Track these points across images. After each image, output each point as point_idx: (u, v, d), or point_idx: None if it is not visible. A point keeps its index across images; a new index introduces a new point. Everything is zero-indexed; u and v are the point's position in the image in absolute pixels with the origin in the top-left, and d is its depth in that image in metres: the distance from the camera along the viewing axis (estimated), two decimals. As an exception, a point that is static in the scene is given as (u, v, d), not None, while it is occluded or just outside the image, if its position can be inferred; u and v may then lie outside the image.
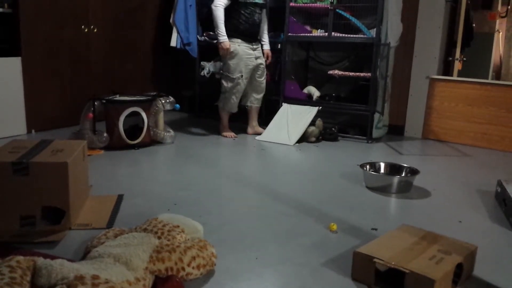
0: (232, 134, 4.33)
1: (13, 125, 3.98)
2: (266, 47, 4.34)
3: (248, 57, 4.11)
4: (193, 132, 4.46)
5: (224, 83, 4.19)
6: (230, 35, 4.04)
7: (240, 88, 4.16)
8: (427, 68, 4.44)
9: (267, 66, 4.39)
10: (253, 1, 4.05)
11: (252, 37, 4.13)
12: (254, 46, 4.18)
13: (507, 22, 5.79)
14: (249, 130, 4.45)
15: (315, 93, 4.56)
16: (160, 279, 1.58)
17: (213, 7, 3.98)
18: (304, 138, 4.16)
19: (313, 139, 4.18)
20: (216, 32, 4.04)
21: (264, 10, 4.26)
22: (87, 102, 3.62)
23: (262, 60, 4.26)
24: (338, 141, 4.27)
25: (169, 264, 1.60)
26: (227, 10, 4.02)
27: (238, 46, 4.06)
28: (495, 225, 2.38)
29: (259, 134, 4.35)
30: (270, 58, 4.36)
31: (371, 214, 2.46)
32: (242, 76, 4.11)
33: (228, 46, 4.01)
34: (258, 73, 4.26)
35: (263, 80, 4.31)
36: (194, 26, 5.04)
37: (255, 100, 4.35)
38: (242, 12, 4.02)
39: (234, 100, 4.21)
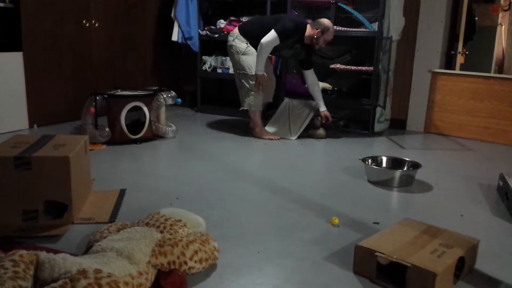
0: (272, 134, 4.08)
1: (15, 120, 3.98)
2: (322, 109, 4.05)
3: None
4: (195, 127, 4.46)
5: (245, 83, 3.95)
6: (243, 35, 3.92)
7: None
8: (429, 62, 4.43)
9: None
10: (282, 53, 4.00)
11: None
12: None
13: (510, 15, 5.77)
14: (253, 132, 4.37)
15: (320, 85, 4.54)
16: (163, 273, 1.59)
17: (263, 43, 3.73)
18: (308, 135, 4.15)
19: (319, 137, 4.14)
20: (256, 62, 3.84)
21: (310, 72, 4.06)
22: (89, 97, 3.62)
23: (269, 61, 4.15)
24: (339, 138, 4.26)
25: (171, 258, 1.60)
26: (262, 31, 3.79)
27: (247, 45, 3.92)
28: (497, 218, 2.38)
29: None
30: (329, 118, 4.04)
31: (373, 208, 2.46)
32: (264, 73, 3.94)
33: (266, 78, 3.89)
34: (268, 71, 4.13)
35: (273, 78, 4.23)
36: (196, 20, 5.03)
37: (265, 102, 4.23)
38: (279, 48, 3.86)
39: (259, 96, 3.98)
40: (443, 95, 4.43)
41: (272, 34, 3.73)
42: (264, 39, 3.74)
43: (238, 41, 3.94)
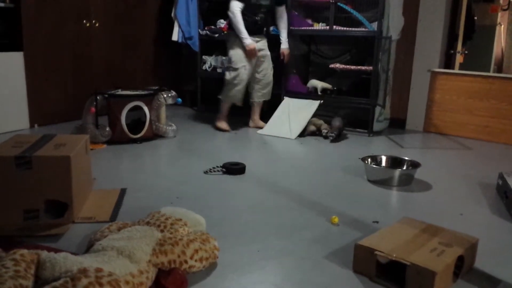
0: (226, 126, 4.30)
1: (16, 119, 3.99)
2: (283, 46, 4.30)
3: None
4: (195, 126, 4.47)
5: (227, 74, 4.19)
6: (231, 29, 4.12)
7: (242, 79, 4.13)
8: (429, 61, 4.43)
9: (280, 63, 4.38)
10: (258, 3, 4.07)
11: (252, 32, 4.10)
12: (257, 39, 4.16)
13: (509, 14, 5.77)
14: (250, 123, 4.48)
15: (319, 85, 4.54)
16: (163, 272, 1.60)
17: (230, 14, 3.99)
18: (309, 132, 4.16)
19: (325, 131, 4.11)
20: (240, 37, 4.03)
21: (281, 8, 4.27)
22: (89, 96, 3.63)
23: (265, 53, 4.24)
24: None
25: (172, 257, 1.61)
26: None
27: (237, 37, 4.07)
28: (496, 217, 2.39)
29: (261, 128, 4.36)
30: (286, 57, 4.33)
31: (373, 207, 2.47)
32: (244, 66, 4.10)
33: (254, 47, 4.04)
34: (261, 65, 4.25)
35: (265, 73, 4.28)
36: (196, 20, 5.03)
37: (258, 95, 4.34)
38: (244, 12, 4.02)
39: (236, 91, 4.17)
40: (442, 94, 4.44)
41: (231, 3, 3.97)
42: (229, 11, 3.98)
43: (228, 36, 4.20)
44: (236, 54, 4.10)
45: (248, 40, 4.02)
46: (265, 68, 4.28)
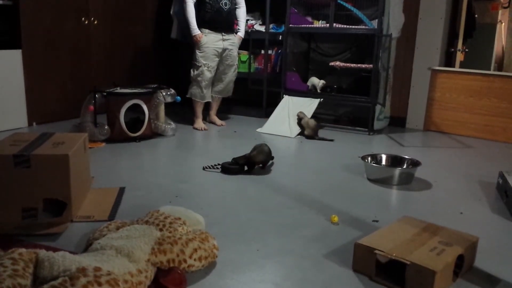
0: (203, 126, 4.31)
1: (14, 118, 3.98)
2: (239, 34, 4.29)
3: (215, 47, 4.13)
4: (194, 124, 4.46)
5: (191, 71, 4.22)
6: (198, 25, 4.09)
7: (205, 77, 4.17)
8: (429, 59, 4.42)
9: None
10: None
11: (219, 26, 4.11)
12: (225, 37, 4.16)
13: (510, 12, 5.76)
14: (207, 118, 4.54)
15: (319, 82, 4.53)
16: (162, 271, 1.59)
17: (184, 5, 4.06)
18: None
19: (310, 131, 4.05)
20: (189, 27, 4.09)
21: None
22: (88, 94, 3.62)
23: (230, 53, 4.23)
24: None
25: (171, 256, 1.60)
26: (197, 2, 4.08)
27: (205, 36, 4.08)
28: (497, 216, 2.38)
29: (216, 123, 4.45)
30: (238, 42, 4.29)
31: (372, 206, 2.46)
32: (207, 64, 4.13)
33: (199, 38, 4.07)
34: (224, 64, 4.25)
35: (227, 72, 4.30)
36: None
37: (214, 91, 4.37)
38: (207, 1, 4.04)
39: (200, 89, 4.21)
40: (442, 92, 4.43)
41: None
42: (184, 1, 4.05)
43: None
44: (200, 52, 4.11)
45: (195, 31, 4.05)
46: (227, 67, 4.28)
